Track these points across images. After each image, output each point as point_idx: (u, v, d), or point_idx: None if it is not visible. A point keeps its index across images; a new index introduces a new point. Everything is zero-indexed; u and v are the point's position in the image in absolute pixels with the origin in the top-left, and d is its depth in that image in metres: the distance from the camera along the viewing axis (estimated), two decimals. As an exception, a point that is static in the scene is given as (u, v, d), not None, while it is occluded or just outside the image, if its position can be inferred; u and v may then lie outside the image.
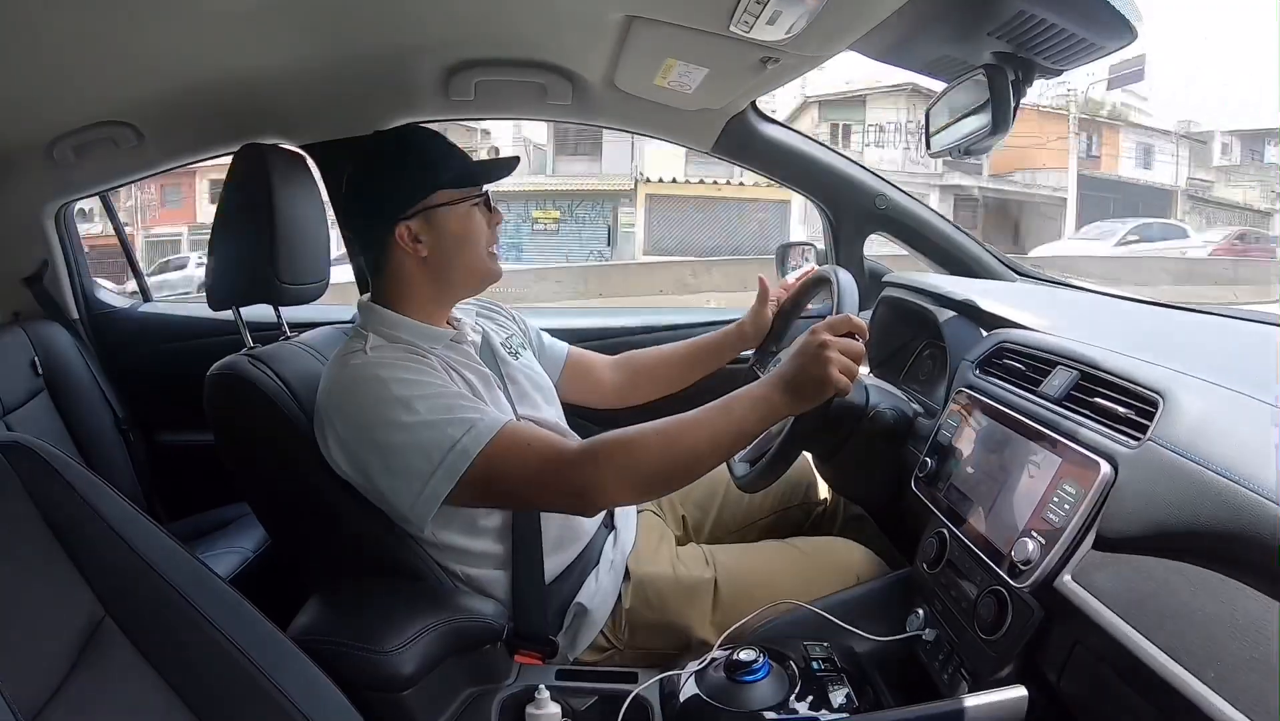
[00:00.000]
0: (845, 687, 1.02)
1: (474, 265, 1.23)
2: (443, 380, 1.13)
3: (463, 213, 1.20)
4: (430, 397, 1.08)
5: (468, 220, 1.21)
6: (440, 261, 1.21)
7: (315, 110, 1.61)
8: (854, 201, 1.89)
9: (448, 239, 1.20)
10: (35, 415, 1.81)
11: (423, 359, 1.15)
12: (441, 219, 1.19)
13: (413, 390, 1.08)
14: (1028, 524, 0.91)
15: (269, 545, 1.74)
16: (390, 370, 1.10)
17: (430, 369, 1.14)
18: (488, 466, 1.05)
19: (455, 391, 1.12)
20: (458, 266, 1.22)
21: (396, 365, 1.12)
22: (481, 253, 1.23)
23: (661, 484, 1.11)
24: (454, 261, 1.22)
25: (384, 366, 1.11)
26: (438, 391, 1.10)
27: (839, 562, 1.33)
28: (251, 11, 1.16)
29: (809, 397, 1.06)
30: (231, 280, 1.32)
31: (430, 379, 1.11)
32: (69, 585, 0.80)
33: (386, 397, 1.08)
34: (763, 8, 1.06)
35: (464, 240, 1.21)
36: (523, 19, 1.36)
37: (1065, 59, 1.22)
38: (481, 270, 1.24)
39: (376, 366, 1.11)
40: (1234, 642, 0.64)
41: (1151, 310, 1.51)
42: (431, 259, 1.21)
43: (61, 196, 1.95)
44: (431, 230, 1.19)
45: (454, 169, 1.21)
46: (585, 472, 1.05)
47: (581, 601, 1.23)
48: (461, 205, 1.20)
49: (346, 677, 0.93)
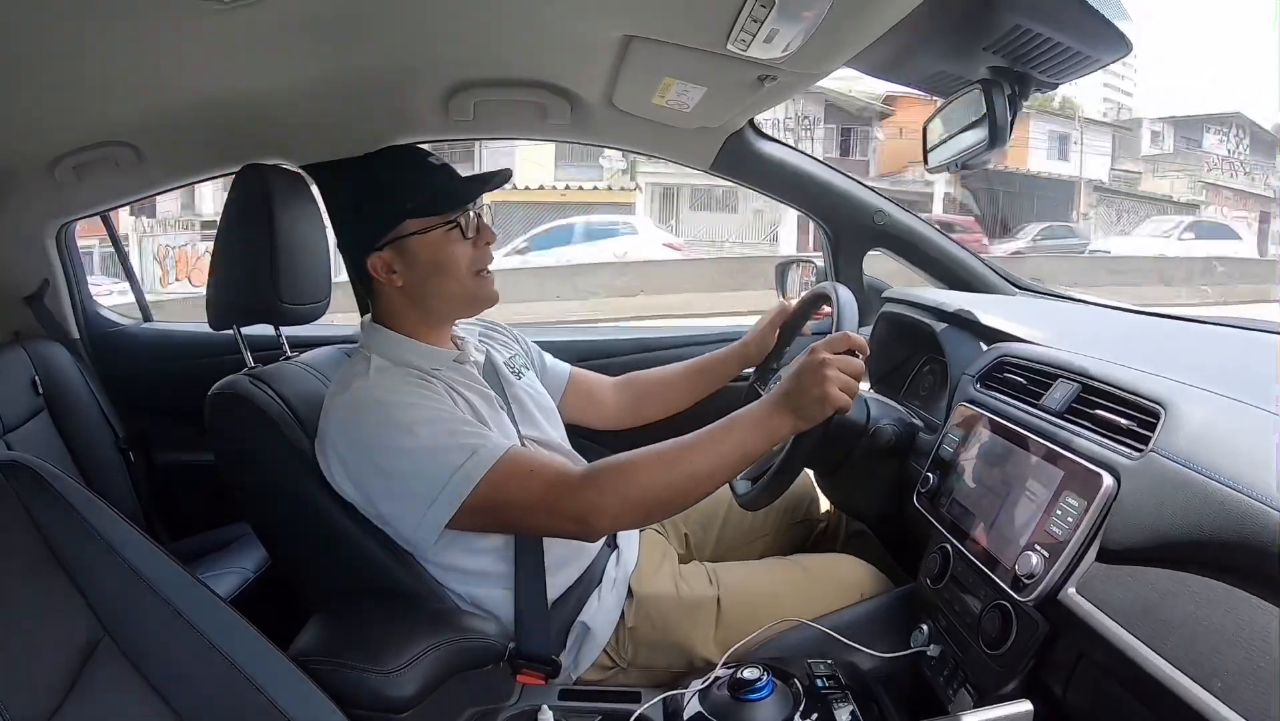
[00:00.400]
0: (850, 705, 1.01)
1: (454, 292, 1.21)
2: (446, 404, 1.12)
3: (434, 240, 1.18)
4: (433, 422, 1.08)
5: (440, 248, 1.18)
6: (417, 290, 1.20)
7: (315, 131, 1.62)
8: (853, 218, 1.89)
9: (421, 268, 1.18)
10: (35, 434, 1.81)
11: (426, 382, 1.14)
12: (413, 248, 1.18)
13: (416, 414, 1.08)
14: (1031, 537, 0.91)
15: (269, 565, 1.73)
16: (393, 394, 1.10)
17: (433, 393, 1.13)
18: (490, 492, 1.05)
19: (459, 416, 1.12)
20: (436, 294, 1.21)
21: (399, 389, 1.11)
22: (462, 277, 1.20)
23: (663, 508, 1.11)
24: (431, 290, 1.20)
25: (387, 390, 1.11)
26: (441, 416, 1.09)
27: (842, 579, 1.33)
28: (252, 32, 1.17)
29: (809, 416, 1.05)
30: (232, 299, 1.32)
31: (433, 403, 1.11)
32: (68, 605, 0.80)
33: (389, 422, 1.07)
34: (760, 26, 1.07)
35: (438, 268, 1.19)
36: (522, 39, 1.37)
37: (1060, 72, 1.23)
38: (464, 295, 1.22)
39: (379, 390, 1.11)
40: (1239, 652, 0.64)
41: (1151, 321, 1.51)
42: (408, 288, 1.20)
43: (62, 216, 1.96)
44: (403, 259, 1.18)
45: (422, 195, 1.18)
46: (587, 498, 1.05)
47: (584, 620, 1.23)
48: (433, 233, 1.17)
49: (348, 698, 0.93)
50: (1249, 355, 1.14)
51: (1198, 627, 0.68)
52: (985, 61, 1.24)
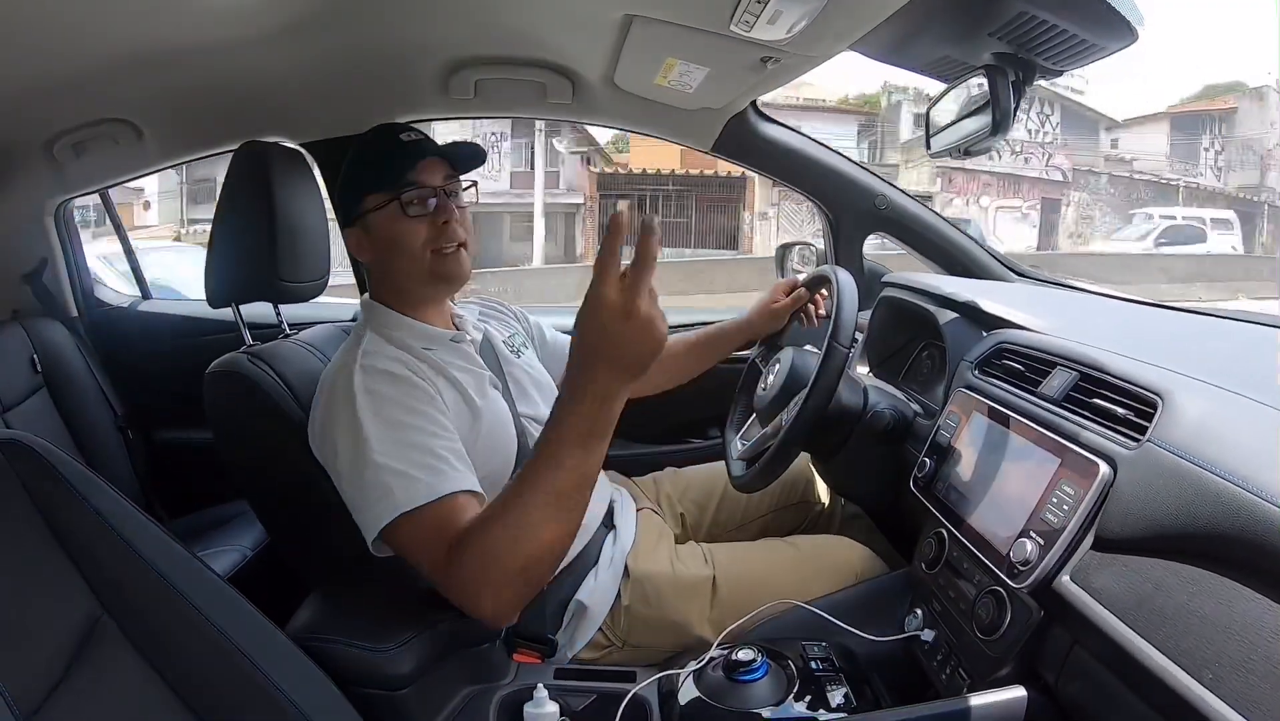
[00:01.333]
0: (843, 687, 1.02)
1: (410, 269, 1.18)
2: (421, 417, 1.07)
3: (388, 216, 1.17)
4: (392, 437, 1.03)
5: (393, 224, 1.17)
6: (381, 267, 1.21)
7: (315, 108, 1.61)
8: (854, 201, 1.89)
9: (380, 244, 1.19)
10: (34, 413, 1.81)
11: (415, 380, 1.10)
12: (374, 224, 1.18)
13: (379, 427, 1.03)
14: (1026, 524, 0.91)
15: (267, 543, 1.74)
16: (371, 396, 1.06)
17: (411, 391, 1.09)
18: (399, 534, 0.99)
19: (423, 439, 1.04)
20: (395, 271, 1.20)
21: (381, 392, 1.07)
22: (416, 256, 1.17)
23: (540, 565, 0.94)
24: (391, 267, 1.20)
25: (366, 391, 1.06)
26: (405, 433, 1.04)
27: (838, 561, 1.33)
28: (252, 9, 1.16)
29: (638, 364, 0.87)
30: (231, 278, 1.32)
31: (404, 416, 1.06)
32: (67, 583, 0.80)
33: (354, 426, 1.04)
34: (763, 7, 1.06)
35: (392, 245, 1.18)
36: (523, 17, 1.36)
37: (1065, 59, 1.22)
38: (421, 273, 1.19)
39: (359, 389, 1.07)
40: (1232, 644, 0.64)
41: (1151, 311, 1.51)
42: (375, 265, 1.21)
43: (61, 194, 1.95)
44: (369, 236, 1.19)
45: (377, 171, 1.17)
46: (461, 584, 0.94)
47: (580, 599, 1.23)
48: (387, 209, 1.17)
49: (345, 676, 0.94)
50: (1248, 348, 1.14)
51: (1190, 618, 0.69)
52: (990, 47, 1.23)
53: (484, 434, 1.17)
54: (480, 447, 1.14)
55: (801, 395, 1.25)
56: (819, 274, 1.52)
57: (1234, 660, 0.63)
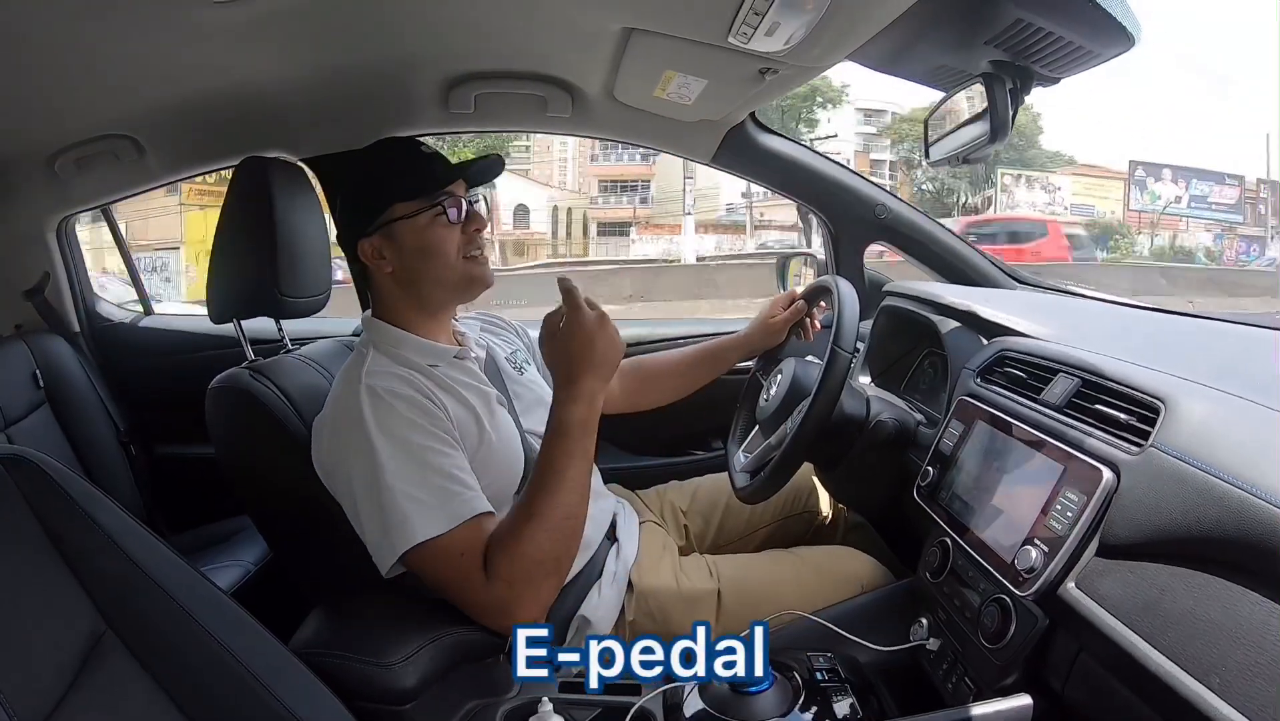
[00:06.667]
0: (849, 698, 1.01)
1: (442, 276, 1.21)
2: (433, 438, 1.09)
3: (421, 224, 1.18)
4: (407, 460, 1.06)
5: (427, 232, 1.18)
6: (407, 275, 1.21)
7: (316, 123, 1.62)
8: (854, 211, 1.89)
9: (408, 253, 1.19)
10: (36, 428, 1.81)
11: (421, 399, 1.12)
12: (400, 233, 1.18)
13: (392, 448, 1.06)
14: (1030, 532, 0.91)
15: (270, 558, 1.73)
16: (381, 418, 1.08)
17: (423, 416, 1.10)
18: (422, 560, 1.04)
19: (436, 461, 1.08)
20: (425, 279, 1.21)
21: (390, 412, 1.08)
22: (451, 262, 1.20)
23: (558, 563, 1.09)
24: (420, 275, 1.21)
25: (376, 412, 1.08)
26: (420, 454, 1.07)
27: (843, 572, 1.33)
28: (252, 25, 1.17)
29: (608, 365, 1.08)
30: (233, 293, 1.32)
31: (417, 436, 1.08)
32: (70, 598, 0.80)
33: (368, 450, 1.06)
34: (761, 19, 1.07)
35: (425, 252, 1.19)
36: (522, 32, 1.36)
37: (1062, 67, 1.22)
38: (454, 279, 1.22)
39: (368, 411, 1.08)
40: (1238, 648, 0.64)
41: (1152, 316, 1.51)
42: (398, 274, 1.21)
43: (63, 210, 1.96)
44: (393, 245, 1.19)
45: (408, 180, 1.19)
46: (497, 595, 1.04)
47: (584, 614, 1.22)
48: (420, 217, 1.18)
49: (349, 690, 0.93)
50: (1250, 351, 1.14)
51: (1196, 623, 0.68)
52: (987, 55, 1.23)
53: (493, 451, 1.17)
54: (488, 465, 1.15)
55: (804, 404, 1.25)
56: (818, 285, 1.52)
57: (1241, 664, 0.63)
